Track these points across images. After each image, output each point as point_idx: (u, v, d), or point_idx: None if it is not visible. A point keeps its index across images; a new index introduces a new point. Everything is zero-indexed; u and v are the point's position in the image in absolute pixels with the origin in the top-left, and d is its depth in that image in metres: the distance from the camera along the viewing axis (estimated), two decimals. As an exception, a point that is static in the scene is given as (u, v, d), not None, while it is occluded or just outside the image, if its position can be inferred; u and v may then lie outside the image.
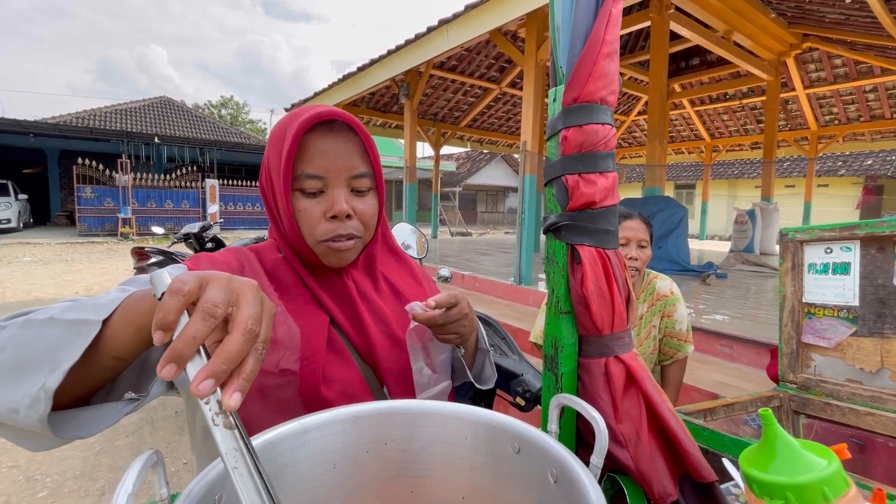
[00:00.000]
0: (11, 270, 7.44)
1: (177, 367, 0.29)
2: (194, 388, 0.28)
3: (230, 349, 0.30)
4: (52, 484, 2.18)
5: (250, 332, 0.31)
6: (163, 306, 0.30)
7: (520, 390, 1.30)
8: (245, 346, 0.30)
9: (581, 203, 0.46)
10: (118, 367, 0.42)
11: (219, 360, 0.29)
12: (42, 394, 0.37)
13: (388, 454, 0.53)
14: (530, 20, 4.55)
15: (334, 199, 0.58)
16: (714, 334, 2.92)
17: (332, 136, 0.58)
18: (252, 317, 0.32)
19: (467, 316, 0.63)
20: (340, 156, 0.58)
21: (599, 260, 0.47)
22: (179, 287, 0.31)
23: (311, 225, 0.59)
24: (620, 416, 0.45)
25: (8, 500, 2.05)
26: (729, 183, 18.10)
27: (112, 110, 17.09)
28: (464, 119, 9.62)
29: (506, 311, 3.96)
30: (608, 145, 0.47)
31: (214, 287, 0.32)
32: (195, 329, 0.30)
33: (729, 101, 9.04)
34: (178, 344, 0.29)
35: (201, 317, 0.30)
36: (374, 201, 0.63)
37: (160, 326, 0.30)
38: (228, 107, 38.59)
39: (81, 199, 12.70)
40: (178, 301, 0.30)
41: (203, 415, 0.29)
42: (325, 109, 0.57)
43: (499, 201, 27.93)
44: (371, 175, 0.61)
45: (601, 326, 0.47)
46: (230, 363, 0.30)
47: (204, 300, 0.31)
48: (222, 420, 0.29)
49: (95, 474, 2.27)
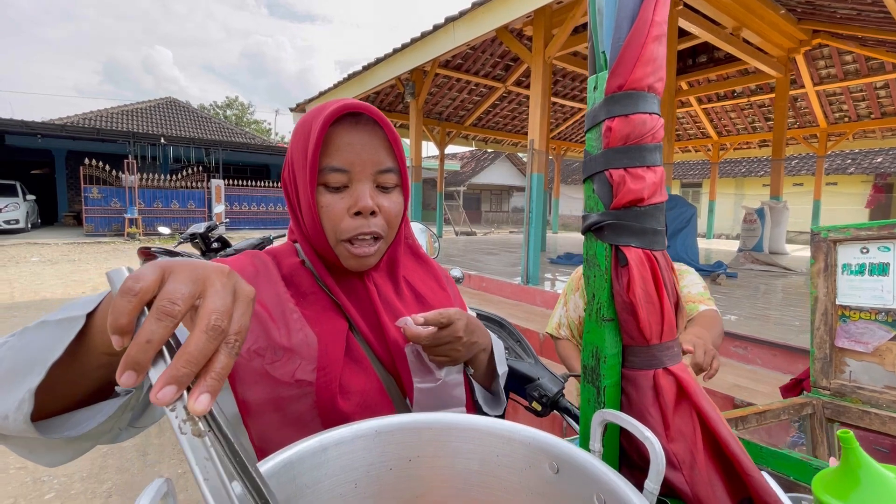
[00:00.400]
0: (20, 270, 7.47)
1: (136, 374, 0.26)
2: (153, 396, 0.25)
3: (191, 350, 0.26)
4: (60, 486, 2.16)
5: (214, 328, 0.27)
6: (114, 308, 0.27)
7: (536, 395, 1.25)
8: (209, 344, 0.27)
9: (627, 200, 0.42)
10: (112, 363, 0.39)
11: (179, 363, 0.26)
12: (26, 394, 0.36)
13: (412, 471, 0.50)
14: (537, 17, 4.50)
15: (359, 194, 0.55)
16: (727, 335, 2.87)
17: (358, 130, 0.56)
18: (217, 310, 0.28)
19: (460, 339, 0.58)
20: (366, 149, 0.56)
21: (647, 262, 0.43)
22: (131, 286, 0.27)
23: (334, 221, 0.56)
24: (672, 434, 0.41)
25: (15, 502, 2.03)
26: (736, 181, 17.94)
27: (118, 111, 17.18)
28: (469, 118, 9.57)
29: (513, 311, 3.92)
30: (656, 137, 0.43)
31: (175, 279, 0.29)
32: (149, 331, 0.26)
33: (737, 98, 8.94)
34: (132, 350, 0.26)
35: (156, 317, 0.27)
36: (400, 199, 0.60)
37: (114, 331, 0.27)
38: (233, 107, 38.73)
39: (88, 199, 12.75)
40: (130, 302, 0.27)
41: (171, 424, 0.26)
42: (351, 102, 0.55)
43: (503, 200, 27.86)
44: (397, 171, 0.59)
45: (649, 335, 0.43)
46: (192, 365, 0.26)
47: (160, 297, 0.28)
48: (190, 427, 0.26)
49: (103, 476, 2.25)
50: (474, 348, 0.63)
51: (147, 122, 16.71)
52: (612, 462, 0.46)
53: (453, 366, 0.62)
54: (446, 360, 0.59)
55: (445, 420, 0.50)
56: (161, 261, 0.31)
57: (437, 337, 0.57)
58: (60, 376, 0.38)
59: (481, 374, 0.68)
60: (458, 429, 0.50)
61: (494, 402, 0.72)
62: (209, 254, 4.30)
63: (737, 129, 10.40)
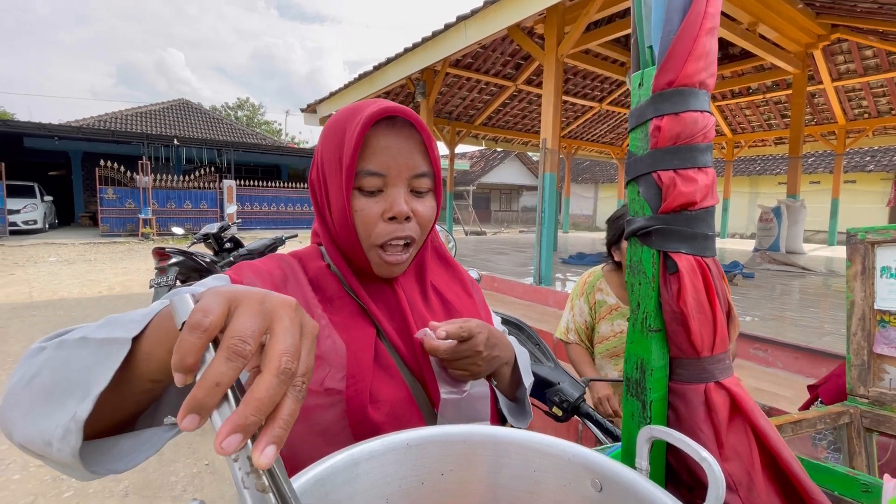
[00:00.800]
0: (38, 270, 7.60)
1: (199, 418, 0.24)
2: (218, 445, 0.23)
3: (261, 396, 0.24)
4: (78, 484, 2.19)
5: (285, 371, 0.25)
6: (181, 345, 0.25)
7: (556, 400, 1.23)
8: (279, 388, 0.25)
9: (678, 204, 0.40)
10: (155, 389, 0.37)
11: (247, 410, 0.24)
12: (73, 424, 0.33)
13: (445, 486, 0.48)
14: (550, 15, 4.45)
15: (394, 199, 0.54)
16: (746, 337, 2.80)
17: (394, 133, 0.55)
18: (287, 351, 0.26)
19: (480, 354, 0.57)
20: (403, 153, 0.55)
21: (699, 270, 0.40)
22: (200, 321, 0.25)
23: (368, 226, 0.55)
24: (727, 453, 0.38)
25: (35, 500, 2.06)
26: (751, 180, 17.65)
27: (132, 113, 17.45)
28: (479, 117, 9.53)
29: (526, 312, 3.88)
30: (707, 136, 0.40)
31: (242, 314, 0.27)
32: (218, 373, 0.24)
33: (752, 95, 8.77)
34: (199, 392, 0.24)
35: (226, 356, 0.25)
36: (433, 203, 0.59)
37: (179, 369, 0.25)
38: (245, 108, 39.11)
39: (103, 200, 12.95)
40: (199, 339, 0.25)
41: (231, 474, 0.24)
42: (389, 104, 0.54)
43: (513, 200, 27.75)
44: (431, 175, 0.58)
45: (700, 347, 0.40)
46: (261, 412, 0.24)
47: (229, 334, 0.26)
48: (254, 482, 0.24)
49: (119, 475, 2.27)
50: (496, 362, 0.61)
51: (160, 123, 16.95)
52: (660, 480, 0.44)
53: (475, 379, 0.61)
54: (466, 374, 0.58)
55: (480, 433, 0.48)
56: (224, 289, 0.29)
57: (456, 351, 0.55)
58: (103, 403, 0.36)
59: (505, 386, 0.67)
60: (494, 442, 0.48)
61: (520, 414, 0.70)
62: (222, 254, 4.33)
63: (752, 126, 10.21)
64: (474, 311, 0.68)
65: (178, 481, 2.22)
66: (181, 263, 3.91)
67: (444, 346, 0.54)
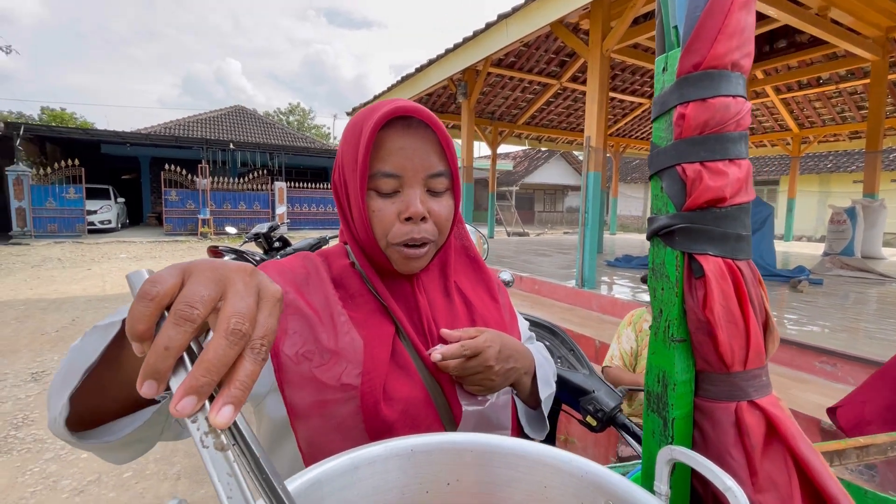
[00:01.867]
0: (111, 266, 8.29)
1: (156, 383, 0.24)
2: (173, 408, 0.24)
3: (210, 357, 0.24)
4: (137, 466, 2.35)
5: (234, 332, 0.25)
6: (131, 313, 0.25)
7: (591, 409, 1.17)
8: (229, 350, 0.25)
9: (704, 200, 0.35)
10: None
11: (198, 371, 0.24)
12: (66, 399, 0.37)
13: (450, 498, 0.45)
14: (594, 9, 4.30)
15: (410, 199, 0.55)
16: (811, 349, 2.57)
17: (409, 133, 0.55)
18: (238, 313, 0.26)
19: (492, 369, 0.56)
20: (418, 153, 0.55)
21: (729, 274, 0.35)
22: (148, 289, 0.26)
23: (385, 226, 0.56)
24: (761, 483, 0.34)
25: (99, 478, 2.23)
26: (821, 178, 16.26)
27: (194, 120, 18.68)
28: (522, 117, 9.40)
29: (567, 316, 3.77)
30: (741, 124, 0.36)
31: (194, 281, 0.27)
32: (167, 338, 0.24)
33: (822, 86, 8.06)
34: (151, 357, 0.24)
35: (174, 321, 0.25)
36: (451, 202, 0.59)
37: (133, 337, 0.25)
38: (295, 113, 40.84)
39: (167, 201, 13.97)
40: (147, 306, 0.25)
41: (192, 436, 0.25)
42: (402, 104, 0.54)
43: (557, 200, 27.17)
44: (448, 174, 0.58)
45: (730, 361, 0.36)
46: (212, 374, 0.24)
47: (178, 300, 0.26)
48: (212, 441, 0.25)
49: (173, 459, 2.42)
50: (512, 374, 0.60)
51: (218, 129, 18.02)
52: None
53: (490, 394, 0.60)
54: (480, 389, 0.58)
55: (488, 443, 0.46)
56: (182, 263, 0.29)
57: (466, 367, 0.55)
58: (105, 385, 0.38)
59: (524, 396, 0.65)
60: (502, 454, 0.45)
61: (538, 425, 0.68)
62: (271, 252, 4.52)
63: (822, 119, 9.39)
64: (498, 317, 0.67)
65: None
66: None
67: (451, 364, 0.54)
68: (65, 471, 2.26)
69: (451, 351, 0.54)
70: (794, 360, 2.59)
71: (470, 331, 0.58)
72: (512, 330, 0.68)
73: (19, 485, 2.12)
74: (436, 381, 0.57)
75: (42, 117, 27.81)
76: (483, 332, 0.58)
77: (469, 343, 0.55)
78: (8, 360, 3.67)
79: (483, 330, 0.59)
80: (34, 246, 11.00)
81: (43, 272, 7.58)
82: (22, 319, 4.74)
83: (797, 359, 2.57)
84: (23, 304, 5.41)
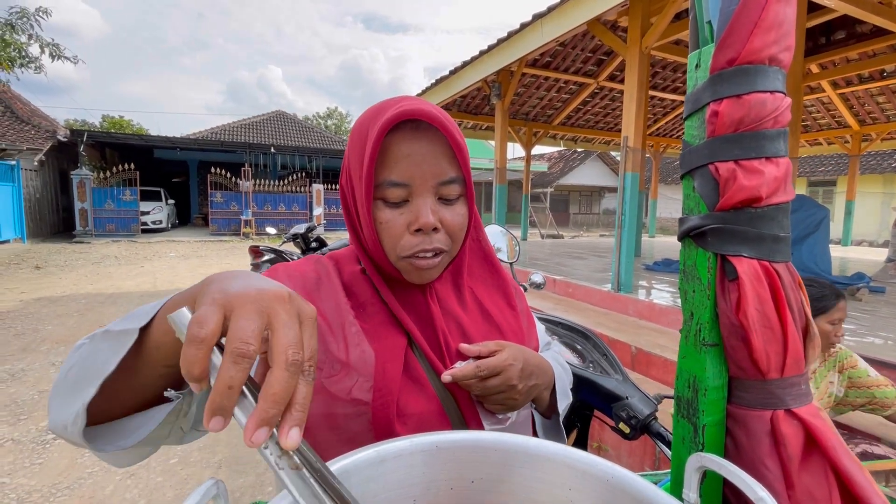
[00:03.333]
0: (161, 264, 8.80)
1: (223, 419, 0.26)
2: (248, 440, 0.26)
3: (276, 391, 0.26)
4: (182, 453, 2.48)
5: (294, 363, 0.27)
6: (184, 359, 0.27)
7: (624, 415, 1.14)
8: (291, 381, 0.27)
9: (739, 200, 0.34)
10: (170, 374, 0.39)
11: (266, 405, 0.26)
12: (80, 408, 0.36)
13: (473, 495, 0.46)
14: (634, 5, 4.19)
15: (419, 210, 0.51)
16: (870, 362, 2.39)
17: (417, 138, 0.51)
18: (291, 344, 0.28)
19: (515, 388, 0.54)
20: (427, 160, 0.51)
21: (765, 276, 0.34)
22: (196, 332, 0.27)
23: (394, 238, 0.53)
24: (798, 496, 0.32)
25: (148, 464, 2.37)
26: (884, 178, 15.09)
27: (238, 125, 19.55)
28: (557, 117, 9.25)
29: (602, 321, 3.68)
30: (779, 121, 0.34)
31: (239, 317, 0.28)
32: (228, 377, 0.26)
33: (887, 79, 7.49)
34: (216, 398, 0.26)
35: (232, 360, 0.26)
36: (464, 210, 0.55)
37: (189, 379, 0.27)
38: (333, 117, 41.92)
39: (213, 203, 14.69)
40: (200, 349, 0.27)
41: (265, 461, 0.27)
42: (409, 106, 0.49)
43: (593, 202, 26.55)
44: (461, 180, 0.54)
45: (766, 368, 0.34)
46: (279, 405, 0.26)
47: (230, 339, 0.27)
48: (287, 462, 0.27)
49: (215, 448, 2.53)
50: (534, 391, 0.57)
51: (260, 133, 18.77)
52: (713, 518, 0.38)
53: (512, 412, 0.57)
54: (502, 408, 0.55)
55: (513, 442, 0.46)
56: (217, 295, 0.30)
57: (488, 387, 0.53)
58: (118, 389, 0.38)
59: (542, 408, 0.64)
60: (528, 454, 0.45)
61: (555, 433, 0.66)
62: (308, 252, 4.68)
63: (886, 115, 8.72)
64: (516, 325, 0.64)
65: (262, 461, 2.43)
66: (272, 261, 4.32)
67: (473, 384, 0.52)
68: (118, 454, 2.42)
69: (464, 372, 0.52)
70: (851, 372, 2.42)
71: (490, 345, 0.56)
72: (530, 337, 0.66)
73: (78, 466, 2.28)
74: (451, 394, 0.55)
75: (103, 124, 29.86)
76: (504, 346, 0.55)
77: (486, 363, 0.52)
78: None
79: (504, 344, 0.56)
80: (94, 244, 11.85)
81: (101, 269, 8.14)
82: (83, 312, 5.11)
83: (854, 372, 2.40)
84: (84, 297, 5.83)
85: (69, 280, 6.97)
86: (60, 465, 2.28)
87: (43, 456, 2.36)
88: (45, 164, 13.26)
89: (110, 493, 2.09)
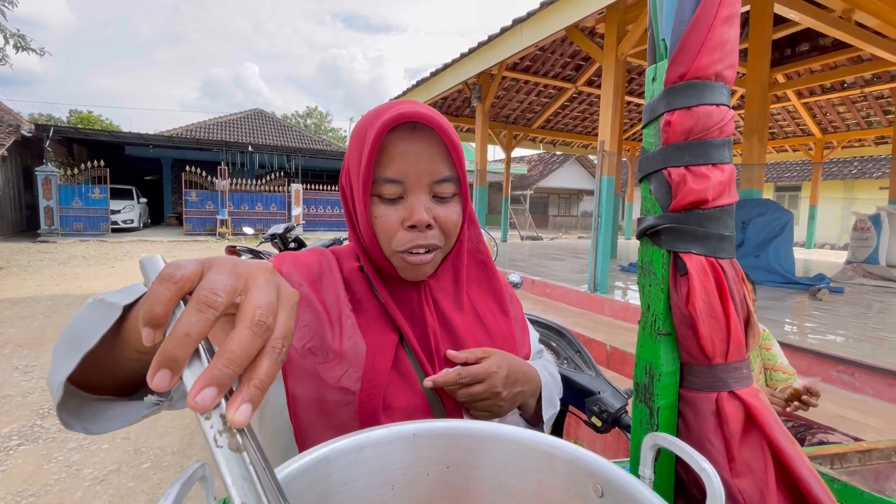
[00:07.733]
0: (132, 264, 8.52)
1: (171, 374, 0.23)
2: (191, 400, 0.22)
3: (234, 347, 0.23)
4: (155, 457, 2.42)
5: (259, 323, 0.24)
6: (150, 296, 0.24)
7: (596, 409, 1.19)
8: (254, 342, 0.24)
9: (688, 202, 0.38)
10: (143, 360, 0.37)
11: (221, 362, 0.23)
12: (61, 383, 0.35)
13: (450, 479, 0.48)
14: (610, 13, 4.30)
15: (414, 206, 0.53)
16: (828, 358, 2.52)
17: (414, 137, 0.53)
18: (262, 305, 0.25)
19: (500, 395, 0.55)
20: (422, 159, 0.53)
21: (711, 271, 0.38)
22: (172, 272, 0.25)
23: (389, 234, 0.55)
24: (738, 468, 0.36)
25: (119, 468, 2.31)
26: (845, 184, 15.85)
27: (214, 123, 19.12)
28: (537, 120, 9.40)
29: (579, 321, 3.76)
30: (724, 131, 0.38)
31: (216, 271, 0.26)
32: (189, 323, 0.23)
33: (847, 90, 7.88)
34: (169, 344, 0.23)
35: (197, 307, 0.24)
36: (458, 208, 0.57)
37: (147, 322, 0.24)
38: (313, 116, 41.43)
39: (188, 202, 14.32)
40: (169, 289, 0.24)
41: (203, 433, 0.23)
42: (407, 109, 0.52)
43: (572, 204, 26.99)
44: (455, 179, 0.56)
45: (711, 354, 0.38)
46: (235, 365, 0.23)
47: (201, 286, 0.25)
48: (227, 440, 0.23)
49: (189, 452, 2.49)
50: (519, 398, 0.59)
51: (237, 131, 18.41)
52: (666, 492, 0.42)
53: (497, 419, 0.59)
54: (487, 415, 0.57)
55: (484, 429, 0.48)
56: (199, 257, 0.29)
57: (472, 393, 0.54)
58: (99, 363, 0.37)
59: (528, 416, 0.65)
60: (498, 439, 0.48)
61: None
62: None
63: (846, 124, 9.18)
64: (507, 331, 0.65)
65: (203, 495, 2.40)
66: (249, 261, 4.24)
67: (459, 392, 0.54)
68: (87, 460, 2.35)
69: (445, 379, 0.53)
70: (811, 368, 2.55)
71: (476, 352, 0.57)
72: (522, 344, 0.67)
73: (44, 472, 2.21)
74: (436, 392, 0.57)
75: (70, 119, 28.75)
76: (490, 354, 0.56)
77: (468, 371, 0.54)
78: (35, 353, 3.82)
79: (490, 351, 0.57)
80: (61, 244, 11.39)
81: (68, 269, 7.84)
82: (49, 314, 4.92)
83: (814, 367, 2.53)
84: (49, 299, 5.61)
85: (33, 281, 6.69)
86: (25, 471, 2.21)
87: (6, 463, 2.28)
88: (8, 160, 12.68)
89: (78, 500, 2.02)
